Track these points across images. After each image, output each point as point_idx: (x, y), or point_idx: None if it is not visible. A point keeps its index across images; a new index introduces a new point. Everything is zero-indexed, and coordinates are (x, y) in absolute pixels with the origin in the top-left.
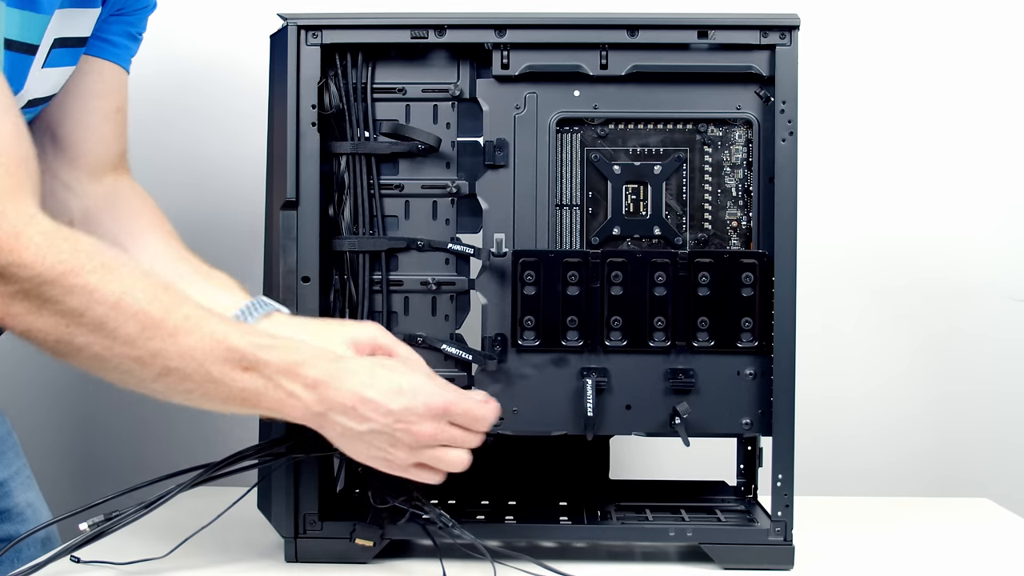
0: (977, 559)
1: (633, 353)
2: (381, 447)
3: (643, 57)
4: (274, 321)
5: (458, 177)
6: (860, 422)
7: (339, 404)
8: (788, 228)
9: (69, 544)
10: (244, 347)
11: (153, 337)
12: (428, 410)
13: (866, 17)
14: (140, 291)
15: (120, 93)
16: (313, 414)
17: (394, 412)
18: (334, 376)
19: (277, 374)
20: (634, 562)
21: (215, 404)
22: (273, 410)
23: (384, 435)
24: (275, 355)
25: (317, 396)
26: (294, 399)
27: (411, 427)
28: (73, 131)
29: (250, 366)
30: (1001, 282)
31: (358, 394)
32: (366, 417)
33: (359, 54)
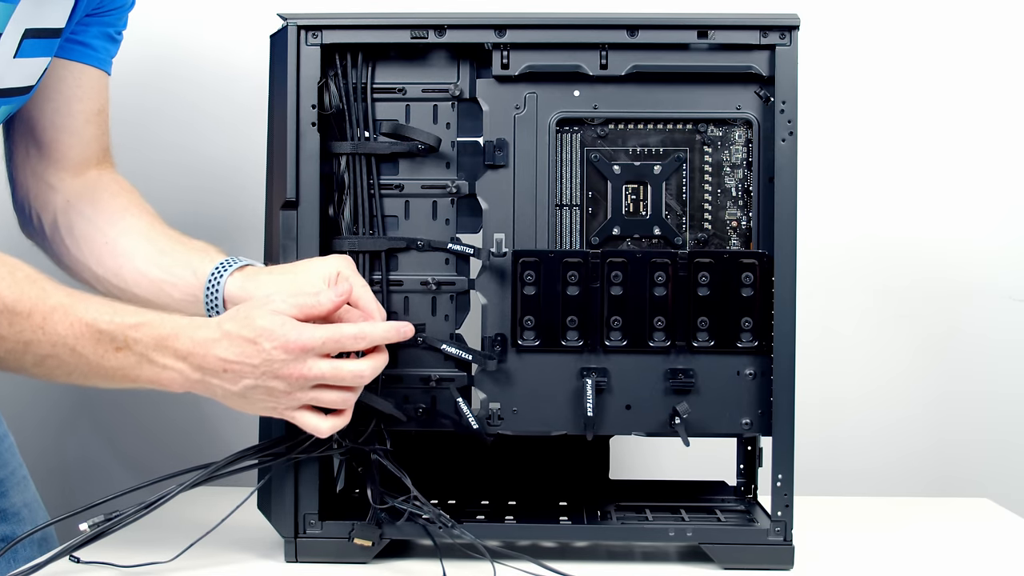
0: (977, 559)
1: (633, 353)
2: (263, 398)
3: (643, 57)
4: (247, 274)
5: (458, 177)
6: (860, 422)
7: (210, 369)
8: (788, 228)
9: (69, 544)
10: (112, 329)
11: (24, 330)
12: (287, 352)
13: (866, 17)
14: (6, 288)
15: (100, 95)
16: (193, 381)
17: (257, 366)
18: (199, 343)
19: (148, 350)
20: (634, 562)
21: (97, 383)
22: (152, 382)
23: (259, 387)
24: (143, 332)
25: (190, 364)
26: (169, 371)
27: (278, 372)
28: (55, 136)
29: (121, 345)
30: (1001, 282)
31: (222, 358)
32: (239, 375)
33: (359, 54)
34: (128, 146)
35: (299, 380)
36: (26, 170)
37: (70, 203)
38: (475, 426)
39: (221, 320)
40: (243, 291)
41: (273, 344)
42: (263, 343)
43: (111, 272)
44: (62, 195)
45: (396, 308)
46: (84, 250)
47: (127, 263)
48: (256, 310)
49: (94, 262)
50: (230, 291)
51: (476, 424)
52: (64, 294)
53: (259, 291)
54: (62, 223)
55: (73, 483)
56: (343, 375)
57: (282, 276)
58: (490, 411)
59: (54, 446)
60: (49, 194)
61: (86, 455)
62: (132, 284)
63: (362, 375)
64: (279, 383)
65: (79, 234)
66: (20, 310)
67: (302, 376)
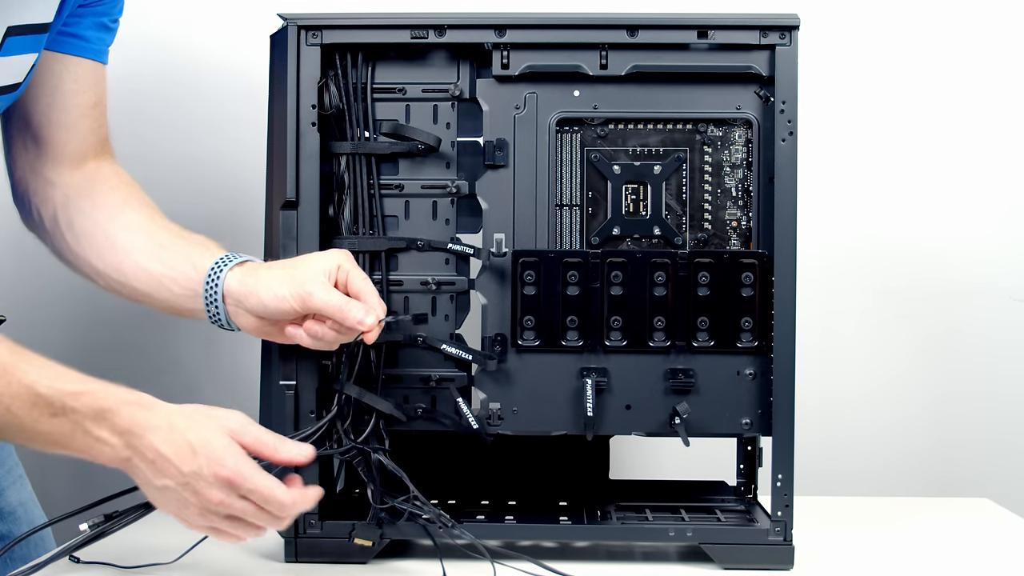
0: (977, 559)
1: (633, 353)
2: (176, 504)
3: (643, 57)
4: (247, 269)
5: (458, 177)
6: (860, 422)
7: (141, 454)
8: (788, 228)
9: (69, 544)
10: (51, 394)
11: None
12: (216, 477)
13: (866, 17)
14: None
15: (97, 88)
16: (121, 459)
17: (184, 473)
18: (139, 425)
19: (85, 420)
20: (634, 562)
21: (28, 444)
22: (83, 453)
23: (175, 493)
24: (82, 401)
25: (124, 442)
26: (102, 444)
27: (199, 491)
28: (51, 132)
29: (57, 412)
30: (1001, 282)
31: (156, 449)
32: (162, 471)
33: (359, 54)
34: (128, 146)
35: (216, 507)
36: (24, 165)
37: (69, 198)
38: (475, 426)
39: (172, 411)
40: (243, 286)
41: (208, 463)
42: (200, 456)
43: (111, 267)
44: (61, 190)
45: (396, 308)
46: (84, 245)
47: (127, 258)
48: (212, 421)
49: (94, 257)
50: (230, 286)
51: (476, 424)
52: (7, 351)
53: (259, 285)
54: (62, 218)
55: (73, 483)
56: (261, 517)
57: (282, 271)
58: (490, 411)
59: None
60: (48, 189)
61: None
62: (132, 278)
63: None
64: (195, 500)
65: (79, 229)
66: None
67: (220, 504)
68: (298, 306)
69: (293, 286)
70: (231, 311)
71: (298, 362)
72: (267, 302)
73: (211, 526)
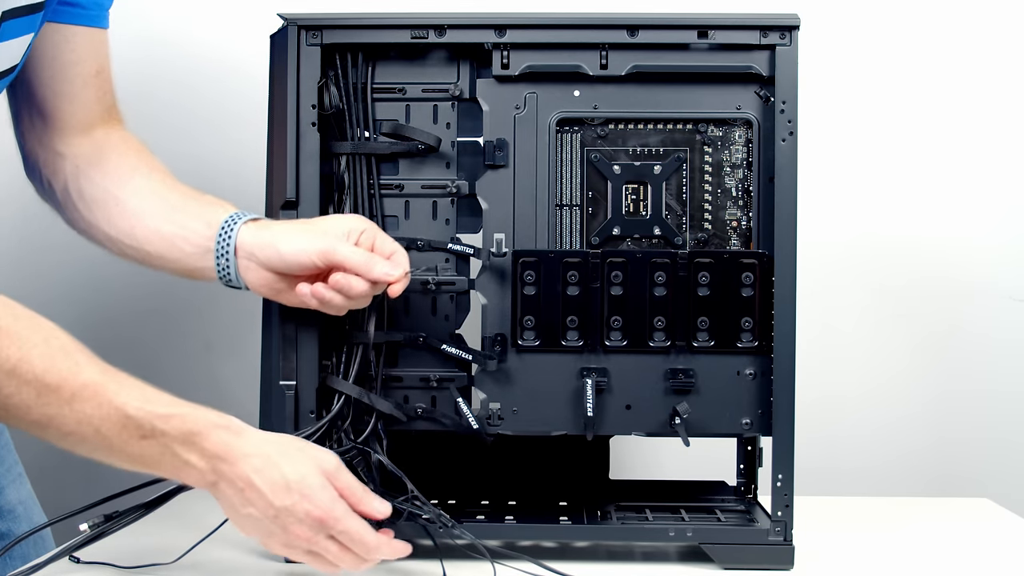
0: (977, 559)
1: (633, 353)
2: (258, 531)
3: (643, 57)
4: (260, 224)
5: (458, 177)
6: (860, 422)
7: (230, 480)
8: (788, 228)
9: (69, 544)
10: (141, 416)
11: (49, 403)
12: (308, 516)
13: (866, 17)
14: (38, 357)
15: (98, 55)
16: (208, 482)
17: (275, 507)
18: (231, 451)
19: (174, 443)
20: (634, 562)
21: (117, 464)
22: (170, 475)
23: (262, 524)
24: (173, 424)
25: (212, 467)
26: (190, 467)
27: (288, 527)
28: (56, 104)
29: (147, 435)
30: (1001, 282)
31: (248, 478)
32: (250, 501)
33: (359, 54)
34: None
35: (301, 543)
36: (32, 139)
37: (79, 168)
38: (475, 426)
39: (265, 440)
40: (258, 238)
41: (302, 501)
42: (294, 493)
43: (124, 233)
44: (70, 160)
45: (397, 308)
46: (96, 213)
47: (139, 222)
48: (306, 457)
49: (106, 223)
50: (243, 239)
51: (476, 424)
52: (98, 371)
53: (277, 238)
54: (72, 188)
55: (73, 483)
56: (343, 557)
57: (301, 225)
58: (490, 411)
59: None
60: (58, 161)
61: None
62: (144, 242)
63: (366, 559)
64: (280, 534)
65: (89, 197)
66: (49, 382)
67: (307, 541)
68: (319, 259)
69: (315, 238)
70: (242, 265)
71: (298, 362)
72: (285, 253)
73: (291, 555)
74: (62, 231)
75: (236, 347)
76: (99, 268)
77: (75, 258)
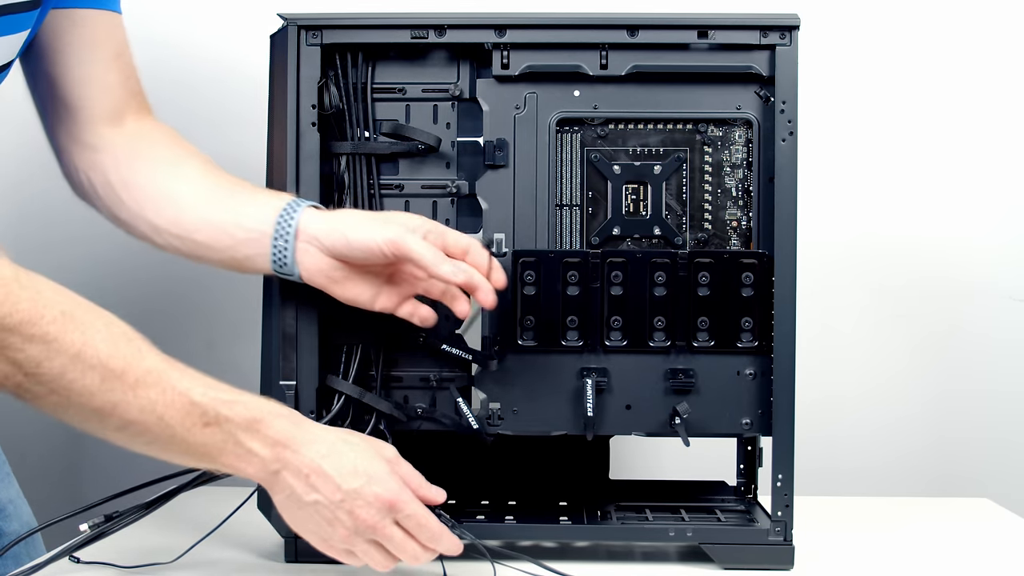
0: (977, 559)
1: (633, 353)
2: (320, 523)
3: (643, 57)
4: (325, 211)
5: (458, 177)
6: (860, 421)
7: (294, 467)
8: (788, 228)
9: (69, 544)
10: (206, 402)
11: (113, 389)
12: (376, 499)
13: (866, 17)
14: (101, 342)
15: (114, 37)
16: (269, 472)
17: (343, 490)
18: (295, 439)
19: (237, 430)
20: (634, 562)
21: (174, 457)
22: (230, 466)
23: (327, 510)
24: (236, 411)
25: (275, 455)
26: (252, 455)
27: (355, 511)
28: (79, 92)
29: (211, 421)
30: (1001, 282)
31: (315, 464)
32: (315, 487)
33: (359, 54)
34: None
35: (367, 529)
36: (64, 136)
37: (119, 160)
38: (475, 426)
39: (327, 430)
40: (325, 223)
41: (371, 483)
42: (362, 476)
43: (170, 222)
44: (108, 154)
45: None
46: (141, 202)
47: (189, 210)
48: (370, 446)
49: (152, 213)
50: (307, 223)
51: (476, 424)
52: (160, 358)
53: (346, 224)
54: (115, 180)
55: (73, 483)
56: (406, 546)
57: (370, 215)
58: (490, 411)
59: (53, 445)
60: (93, 155)
61: (86, 454)
62: (193, 231)
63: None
64: (347, 520)
65: (133, 187)
66: (114, 367)
67: (373, 527)
68: (387, 248)
69: (384, 227)
70: (301, 249)
71: (298, 362)
72: (353, 239)
73: (349, 548)
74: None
75: (236, 347)
76: (99, 268)
77: (74, 258)
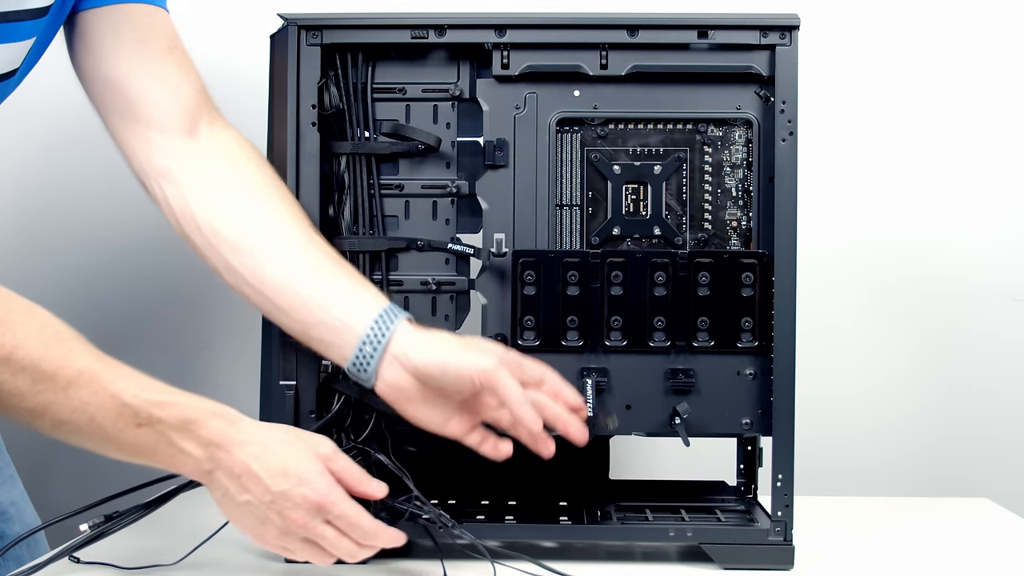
0: (977, 559)
1: (633, 353)
2: (254, 522)
3: (643, 57)
4: (421, 330)
5: (458, 177)
6: (859, 422)
7: (227, 467)
8: (788, 228)
9: (69, 544)
10: (137, 404)
11: (45, 391)
12: (305, 500)
13: (866, 17)
14: (34, 344)
15: (164, 30)
16: (203, 472)
17: (272, 492)
18: (228, 439)
19: (170, 431)
20: (634, 562)
21: (111, 454)
22: (165, 464)
23: (259, 511)
24: (169, 412)
25: (208, 455)
26: (185, 455)
27: (284, 512)
28: (140, 85)
29: (143, 422)
30: (1001, 282)
31: (246, 465)
32: (247, 488)
33: (359, 54)
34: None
35: (299, 529)
36: (129, 135)
37: (197, 181)
38: None
39: (261, 428)
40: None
41: (299, 485)
42: (292, 477)
43: (248, 270)
44: (183, 171)
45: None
46: (220, 240)
47: (273, 271)
48: (303, 443)
49: (230, 256)
50: (402, 337)
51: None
52: (93, 358)
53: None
54: (195, 206)
55: (73, 483)
56: (340, 544)
57: (460, 340)
58: None
59: (54, 445)
60: (168, 166)
61: (86, 454)
62: (271, 291)
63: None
64: (277, 520)
65: (216, 222)
66: (45, 369)
67: (304, 527)
68: (478, 379)
69: (480, 358)
70: (386, 362)
71: (298, 362)
72: (449, 367)
73: (285, 546)
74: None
75: (236, 347)
76: (98, 268)
77: (73, 259)
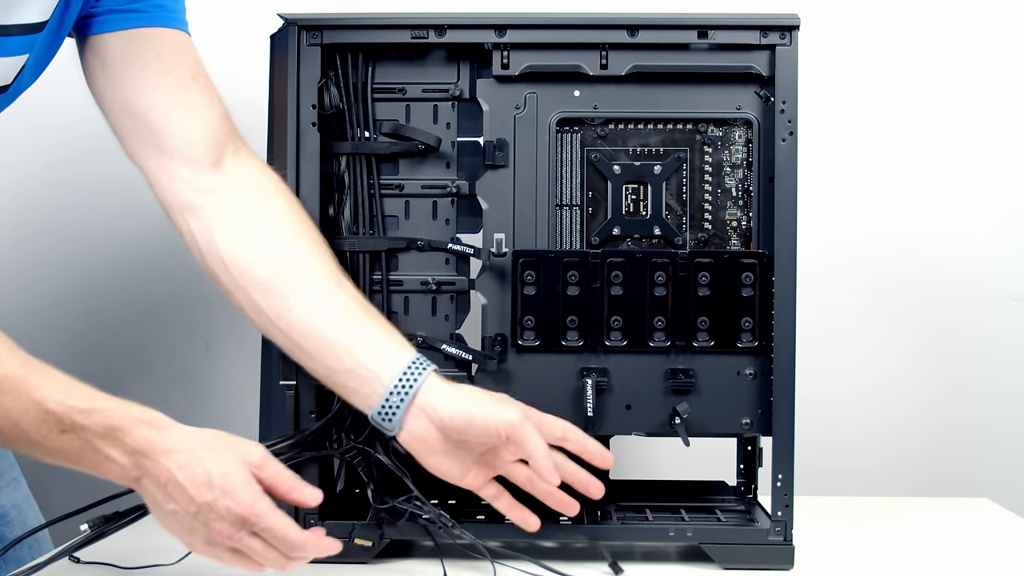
0: (976, 559)
1: (633, 353)
2: (181, 530)
3: (643, 57)
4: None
5: (458, 177)
6: (859, 422)
7: (152, 476)
8: (788, 228)
9: (69, 544)
10: (61, 411)
11: None
12: (229, 512)
13: (866, 17)
14: None
15: (187, 56)
16: (130, 479)
17: (196, 503)
18: (154, 447)
19: (94, 438)
20: (634, 562)
21: (39, 458)
22: (92, 470)
23: (184, 520)
24: (93, 419)
25: (134, 462)
26: (111, 462)
27: (209, 523)
28: (163, 113)
29: (67, 429)
30: (1001, 282)
31: (170, 474)
32: (172, 497)
33: (359, 54)
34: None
35: (224, 539)
36: (157, 170)
37: (224, 217)
38: None
39: (188, 435)
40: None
41: (223, 496)
42: (216, 488)
43: (275, 312)
44: (209, 206)
45: (396, 308)
46: (248, 281)
47: (302, 316)
48: (232, 452)
49: (258, 297)
50: (430, 389)
51: None
52: (19, 363)
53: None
54: (220, 244)
55: (73, 483)
56: (267, 555)
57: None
58: None
59: None
60: (193, 199)
61: None
62: (297, 333)
63: (291, 557)
64: (202, 530)
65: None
66: None
67: (229, 538)
68: (505, 431)
69: (506, 409)
70: (412, 413)
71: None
72: (476, 421)
73: (214, 554)
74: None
75: (236, 347)
76: (98, 269)
77: (73, 260)
